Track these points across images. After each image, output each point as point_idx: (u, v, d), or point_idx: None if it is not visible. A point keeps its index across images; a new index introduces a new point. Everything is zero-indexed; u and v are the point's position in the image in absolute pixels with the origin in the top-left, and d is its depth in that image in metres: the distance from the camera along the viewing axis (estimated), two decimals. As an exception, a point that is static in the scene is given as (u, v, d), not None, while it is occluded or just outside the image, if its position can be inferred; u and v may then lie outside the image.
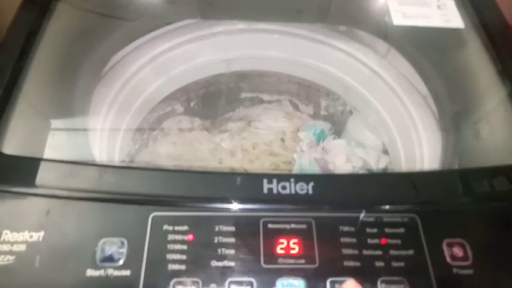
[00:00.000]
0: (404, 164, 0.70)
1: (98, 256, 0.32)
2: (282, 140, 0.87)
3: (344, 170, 0.71)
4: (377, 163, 0.76)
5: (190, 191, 0.36)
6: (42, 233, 0.33)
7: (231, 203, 0.36)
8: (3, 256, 0.31)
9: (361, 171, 0.69)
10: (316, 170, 0.71)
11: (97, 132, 0.61)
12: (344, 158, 0.73)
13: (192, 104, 0.90)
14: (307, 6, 0.70)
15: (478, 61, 0.57)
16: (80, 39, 0.59)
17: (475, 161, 0.51)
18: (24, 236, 0.32)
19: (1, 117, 0.40)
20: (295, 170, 0.73)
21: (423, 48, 0.67)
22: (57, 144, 0.47)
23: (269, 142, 0.85)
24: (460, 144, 0.51)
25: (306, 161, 0.72)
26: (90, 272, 0.31)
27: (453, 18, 0.57)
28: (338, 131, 0.88)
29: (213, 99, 0.91)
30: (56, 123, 0.49)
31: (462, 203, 0.38)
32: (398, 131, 0.73)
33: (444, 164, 0.54)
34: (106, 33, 0.64)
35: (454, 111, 0.61)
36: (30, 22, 0.51)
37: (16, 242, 0.32)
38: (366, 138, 0.82)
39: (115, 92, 0.67)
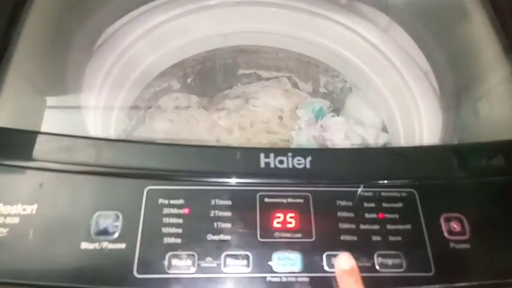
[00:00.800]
0: (403, 141, 0.69)
1: (92, 229, 0.32)
2: (280, 117, 0.86)
3: (343, 146, 0.71)
4: (375, 140, 0.75)
5: (186, 165, 0.35)
6: (35, 206, 0.32)
7: (228, 177, 0.35)
8: (-4, 229, 0.31)
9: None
10: (314, 147, 0.70)
11: (91, 107, 0.60)
12: (342, 135, 0.73)
13: (188, 81, 0.89)
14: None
15: (483, 35, 0.55)
16: (72, 9, 0.57)
17: (474, 138, 0.50)
18: (17, 208, 0.32)
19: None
20: (294, 147, 0.73)
21: (425, 21, 0.66)
22: (50, 119, 0.46)
23: (267, 120, 0.84)
24: (460, 121, 0.50)
25: (304, 139, 0.71)
26: (85, 245, 0.31)
27: (457, -10, 0.55)
28: (337, 108, 0.87)
29: (210, 75, 0.89)
30: (48, 97, 0.47)
31: (460, 178, 0.37)
32: (398, 108, 0.72)
33: (444, 141, 0.53)
34: (100, 3, 0.62)
35: (455, 87, 0.60)
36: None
37: (9, 215, 0.32)
38: (366, 116, 0.81)
39: (109, 66, 0.66)
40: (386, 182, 0.36)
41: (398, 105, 0.72)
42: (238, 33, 0.80)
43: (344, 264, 0.31)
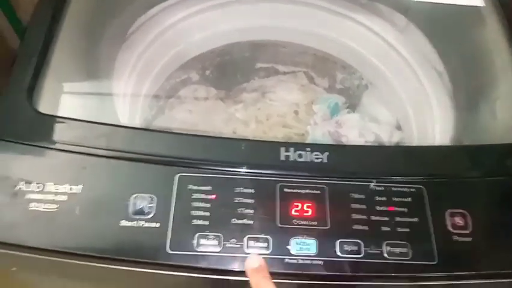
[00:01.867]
0: (416, 140, 0.72)
1: (130, 209, 0.36)
2: (296, 112, 0.89)
3: (357, 143, 0.73)
4: (389, 138, 0.77)
5: (214, 155, 0.39)
6: (81, 186, 0.36)
7: (251, 168, 0.38)
8: (48, 204, 0.35)
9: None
10: (329, 142, 0.73)
11: (120, 96, 0.63)
12: (357, 132, 0.75)
13: (207, 73, 0.92)
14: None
15: (496, 41, 0.57)
16: (104, 5, 0.61)
17: (490, 139, 0.52)
18: (66, 188, 0.36)
19: (37, 81, 0.43)
20: (309, 142, 0.75)
21: (442, 24, 0.67)
22: (85, 106, 0.50)
23: (283, 114, 0.87)
24: (474, 122, 0.52)
25: (319, 134, 0.74)
26: (124, 223, 0.35)
27: (474, -4, 0.57)
28: (353, 105, 0.89)
29: (228, 68, 0.92)
30: (85, 86, 0.51)
31: (466, 177, 0.40)
32: (412, 107, 0.74)
33: (455, 140, 0.56)
34: (124, 2, 0.65)
35: (470, 88, 0.62)
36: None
37: (59, 193, 0.35)
38: (381, 113, 0.83)
39: (136, 58, 0.69)
40: (396, 178, 0.39)
41: (412, 104, 0.74)
42: (257, 28, 0.83)
43: (253, 263, 0.33)
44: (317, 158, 0.39)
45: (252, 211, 0.36)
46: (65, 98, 0.47)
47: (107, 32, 0.60)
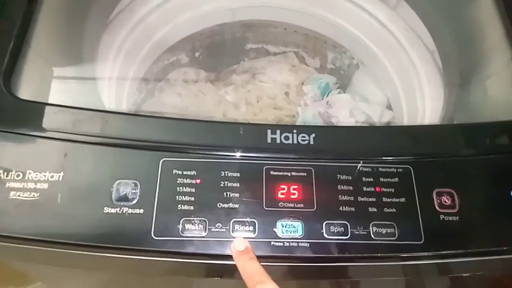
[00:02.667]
0: (406, 119, 0.71)
1: (113, 195, 0.35)
2: (286, 93, 0.88)
3: (347, 123, 0.73)
4: (380, 118, 0.77)
5: (198, 139, 0.38)
6: (61, 174, 0.35)
7: (237, 151, 0.38)
8: (29, 193, 0.34)
9: (360, 125, 0.70)
10: (319, 123, 0.72)
11: (106, 80, 0.62)
12: (347, 112, 0.74)
13: (196, 54, 0.90)
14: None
15: (488, 18, 0.56)
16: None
17: (481, 116, 0.52)
18: (46, 175, 0.35)
19: (15, 65, 0.41)
20: (299, 123, 0.75)
21: (433, 2, 0.66)
22: (68, 91, 0.49)
23: (273, 95, 0.86)
24: (465, 99, 0.52)
25: (309, 115, 0.74)
26: (107, 210, 0.34)
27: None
28: (344, 84, 0.88)
29: (218, 49, 0.90)
30: (66, 70, 0.50)
31: (454, 156, 0.40)
32: (402, 86, 0.73)
33: (444, 119, 0.55)
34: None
35: (461, 66, 0.62)
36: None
37: (39, 181, 0.35)
38: (371, 92, 0.83)
39: (121, 40, 0.67)
40: (384, 158, 0.39)
41: (402, 83, 0.73)
42: (247, 7, 0.80)
43: (238, 245, 0.33)
44: (303, 140, 0.39)
45: (237, 195, 0.36)
46: (46, 82, 0.46)
47: (90, 11, 0.58)
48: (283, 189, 0.37)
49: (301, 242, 0.35)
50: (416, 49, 0.69)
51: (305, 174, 0.37)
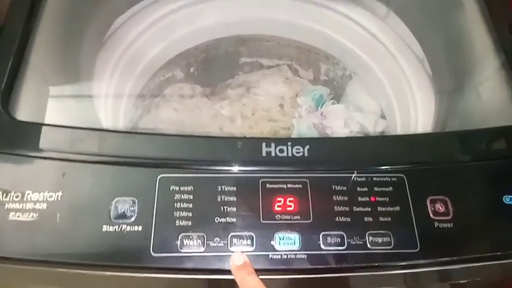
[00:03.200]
0: (399, 127, 0.72)
1: (112, 213, 0.35)
2: (281, 105, 0.89)
3: (342, 134, 0.73)
4: (374, 127, 0.78)
5: (194, 154, 0.39)
6: (60, 193, 0.36)
7: (233, 165, 0.38)
8: (28, 213, 0.34)
9: (355, 135, 0.71)
10: (314, 134, 0.73)
11: (102, 98, 0.63)
12: (342, 122, 0.75)
13: (191, 70, 0.91)
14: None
15: (475, 25, 0.57)
16: (83, 3, 0.59)
17: (471, 123, 0.53)
18: (45, 195, 0.35)
19: (13, 85, 0.42)
20: (294, 135, 0.76)
21: (421, 11, 0.68)
22: (65, 109, 0.50)
23: (268, 108, 0.87)
24: (456, 107, 0.53)
25: (304, 126, 0.74)
26: (106, 228, 0.35)
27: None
28: (338, 95, 0.90)
29: (213, 64, 0.91)
30: (64, 89, 0.51)
31: (446, 163, 0.40)
32: (395, 95, 0.75)
33: (436, 126, 0.56)
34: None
35: (451, 74, 0.63)
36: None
37: (38, 201, 0.35)
38: (365, 102, 0.84)
39: (117, 57, 0.68)
40: (377, 168, 0.39)
41: (394, 92, 0.74)
42: (241, 22, 0.82)
43: (237, 260, 0.34)
44: (298, 152, 0.39)
45: (234, 209, 0.36)
46: (44, 102, 0.46)
47: (87, 29, 0.59)
48: (280, 201, 0.37)
49: (299, 254, 0.35)
50: (406, 58, 0.71)
51: (300, 186, 0.38)
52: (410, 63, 0.70)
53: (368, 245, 0.35)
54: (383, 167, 0.39)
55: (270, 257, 0.35)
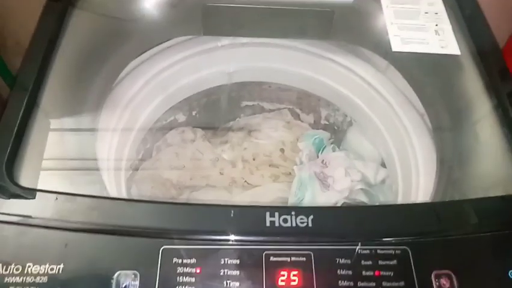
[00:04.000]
0: (400, 178, 0.72)
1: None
2: (282, 150, 0.89)
3: (343, 184, 0.74)
4: (375, 176, 0.78)
5: (198, 225, 0.39)
6: (61, 266, 0.35)
7: (236, 236, 0.38)
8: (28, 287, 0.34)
9: (358, 197, 0.71)
10: (315, 184, 0.73)
11: (106, 148, 0.63)
12: (342, 171, 0.76)
13: (193, 113, 0.92)
14: (310, 24, 0.72)
15: (473, 87, 0.59)
16: (93, 53, 0.61)
17: (474, 169, 0.53)
18: (46, 268, 0.35)
19: (19, 149, 0.42)
20: (295, 182, 0.76)
21: (421, 67, 0.69)
22: (69, 171, 0.50)
23: (269, 153, 0.88)
24: (454, 174, 0.53)
25: (305, 175, 0.75)
26: (107, 303, 0.34)
27: (450, 44, 0.59)
28: (338, 139, 0.91)
29: (214, 108, 0.93)
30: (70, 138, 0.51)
31: (449, 234, 0.40)
32: (395, 146, 0.75)
33: (439, 186, 0.56)
34: (116, 46, 0.66)
35: (451, 130, 0.64)
36: (49, 32, 0.54)
37: (39, 274, 0.35)
38: (365, 149, 0.84)
39: (123, 107, 0.70)
40: (381, 239, 0.39)
41: (395, 143, 0.75)
42: (243, 71, 0.84)
43: None
44: (302, 223, 0.39)
45: (238, 283, 0.36)
46: (48, 165, 0.47)
47: (93, 84, 0.60)
48: (283, 275, 0.37)
49: (303, 333, 0.34)
50: (406, 111, 0.72)
51: (305, 259, 0.38)
52: (410, 116, 0.71)
53: (373, 324, 0.35)
54: (387, 239, 0.39)
55: (273, 336, 0.34)
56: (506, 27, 0.96)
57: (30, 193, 0.39)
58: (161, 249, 0.37)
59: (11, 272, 0.35)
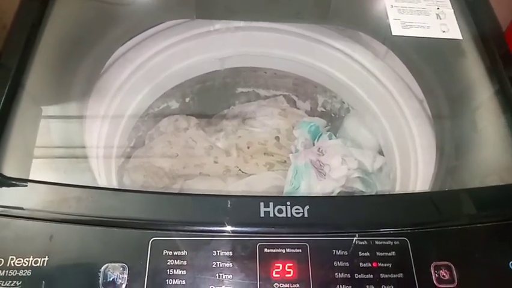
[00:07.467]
0: (398, 166, 0.71)
1: (101, 281, 0.33)
2: (277, 138, 0.88)
3: (340, 172, 0.72)
4: (372, 164, 0.77)
5: (188, 216, 0.37)
6: (46, 258, 0.34)
7: (228, 226, 0.37)
8: (10, 281, 0.32)
9: (355, 186, 0.70)
10: (311, 172, 0.72)
11: (95, 135, 0.61)
12: (339, 159, 0.74)
13: (187, 100, 0.90)
14: (307, 7, 0.69)
15: (475, 72, 0.57)
16: (79, 38, 0.59)
17: (473, 155, 0.52)
18: (30, 261, 0.33)
19: (1, 135, 0.40)
20: (291, 171, 0.74)
21: (421, 53, 0.67)
22: (56, 157, 0.48)
23: (264, 141, 0.86)
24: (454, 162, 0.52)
25: (301, 164, 0.73)
26: (94, 297, 0.33)
27: (452, 28, 0.57)
28: (335, 126, 0.89)
29: (208, 94, 0.91)
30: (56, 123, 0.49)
31: (449, 225, 0.39)
32: (393, 133, 0.74)
33: (438, 166, 0.55)
34: (104, 31, 0.63)
35: (450, 117, 0.62)
36: (32, 16, 0.51)
37: (22, 268, 0.33)
38: (363, 136, 0.83)
39: (113, 92, 0.67)
40: (380, 230, 0.38)
41: (393, 130, 0.74)
42: (236, 56, 0.82)
43: None
44: (297, 213, 0.38)
45: (230, 276, 0.35)
46: (33, 153, 0.45)
47: (81, 67, 0.58)
48: (278, 267, 0.35)
49: (298, 327, 0.33)
50: (405, 98, 0.70)
51: (300, 250, 0.36)
52: (409, 103, 0.69)
53: (371, 316, 0.34)
54: (385, 230, 0.38)
55: (267, 329, 0.33)
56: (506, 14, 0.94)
57: (12, 183, 0.37)
58: (151, 240, 0.35)
59: (-8, 265, 0.33)
